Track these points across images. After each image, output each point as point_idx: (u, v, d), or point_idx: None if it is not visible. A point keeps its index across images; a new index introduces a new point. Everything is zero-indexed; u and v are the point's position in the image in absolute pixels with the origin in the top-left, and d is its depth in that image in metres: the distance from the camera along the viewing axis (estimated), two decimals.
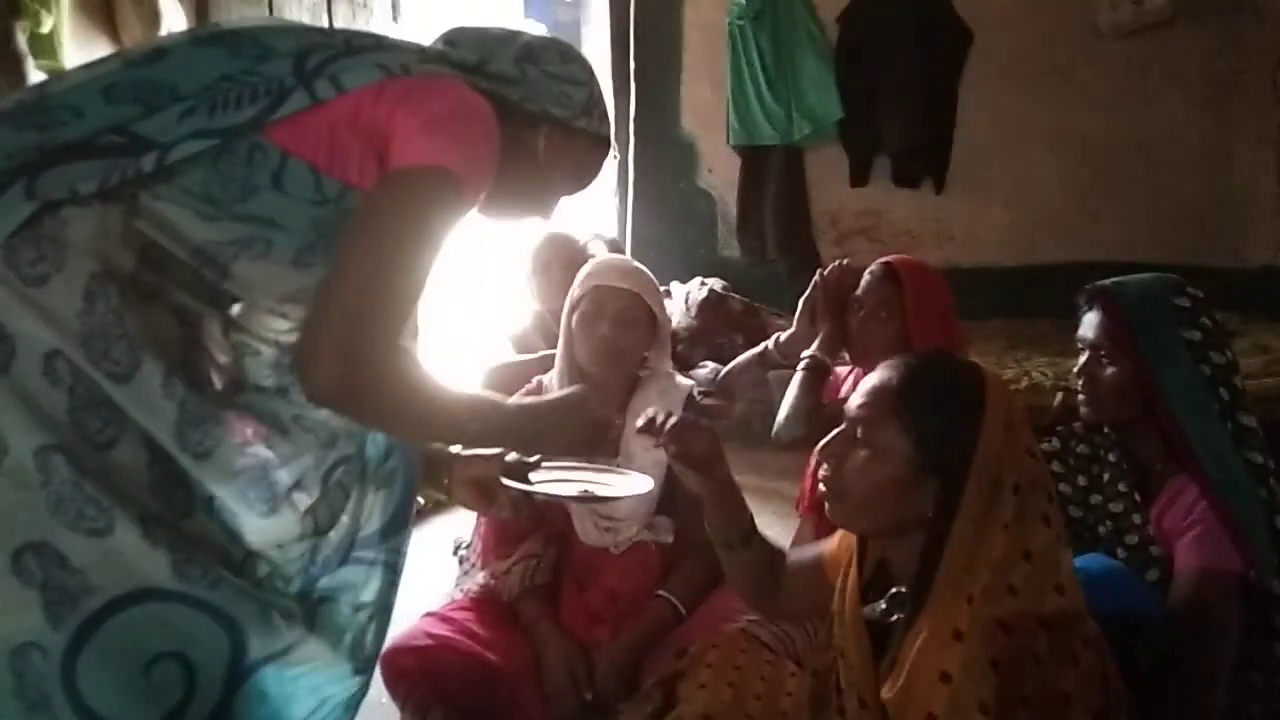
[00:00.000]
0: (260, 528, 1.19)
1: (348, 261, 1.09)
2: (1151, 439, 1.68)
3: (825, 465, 1.33)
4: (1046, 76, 4.51)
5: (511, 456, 1.49)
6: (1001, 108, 4.49)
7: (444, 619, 1.95)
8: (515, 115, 1.29)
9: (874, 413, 1.27)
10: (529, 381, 2.20)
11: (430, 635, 1.88)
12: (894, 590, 1.30)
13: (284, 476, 1.20)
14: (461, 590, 2.17)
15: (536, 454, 1.47)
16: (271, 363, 1.22)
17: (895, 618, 1.28)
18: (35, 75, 2.69)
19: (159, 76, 1.13)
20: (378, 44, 1.22)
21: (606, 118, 1.42)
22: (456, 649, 1.87)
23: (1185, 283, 1.69)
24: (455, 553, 2.75)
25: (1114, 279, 1.71)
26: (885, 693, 1.19)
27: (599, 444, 1.42)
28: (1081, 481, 1.76)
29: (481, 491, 1.51)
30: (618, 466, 1.73)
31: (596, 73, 1.40)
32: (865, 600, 1.34)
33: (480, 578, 2.14)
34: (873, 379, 1.31)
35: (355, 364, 1.07)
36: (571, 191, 1.46)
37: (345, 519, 1.30)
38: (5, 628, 1.02)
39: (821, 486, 1.35)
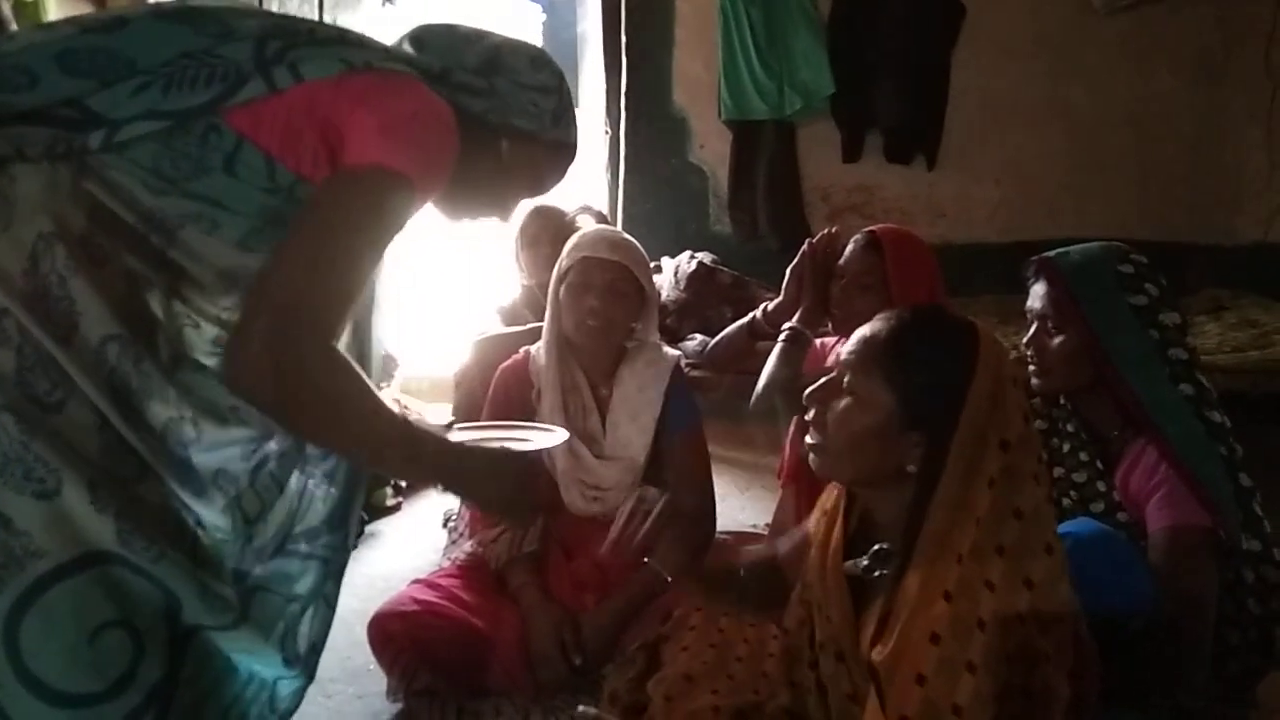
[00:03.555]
0: (194, 505, 1.17)
1: (288, 253, 1.07)
2: (1106, 406, 1.69)
3: (811, 411, 1.32)
4: (1039, 53, 4.49)
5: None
6: (994, 84, 4.47)
7: (431, 585, 1.97)
8: (478, 123, 1.28)
9: (860, 362, 1.27)
10: (517, 353, 2.21)
11: (417, 601, 1.90)
12: (878, 546, 1.30)
13: (208, 461, 1.18)
14: (449, 559, 2.19)
15: (459, 497, 1.42)
16: (212, 339, 1.19)
17: (878, 574, 1.28)
18: None
19: (116, 47, 1.10)
20: (341, 37, 1.20)
21: (573, 124, 1.41)
22: (443, 614, 1.88)
23: (1130, 250, 1.71)
24: (445, 524, 2.77)
25: (1059, 249, 1.73)
26: (876, 655, 1.19)
27: (521, 509, 1.36)
28: (1043, 457, 1.77)
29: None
30: (535, 424, 1.72)
31: (566, 78, 1.39)
32: (848, 556, 1.34)
33: (468, 546, 2.15)
34: (866, 329, 1.30)
35: (281, 355, 1.03)
36: (531, 195, 1.45)
37: (279, 511, 1.28)
38: None
39: (807, 437, 1.34)
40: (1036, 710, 1.14)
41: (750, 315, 2.39)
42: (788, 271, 2.25)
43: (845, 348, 1.32)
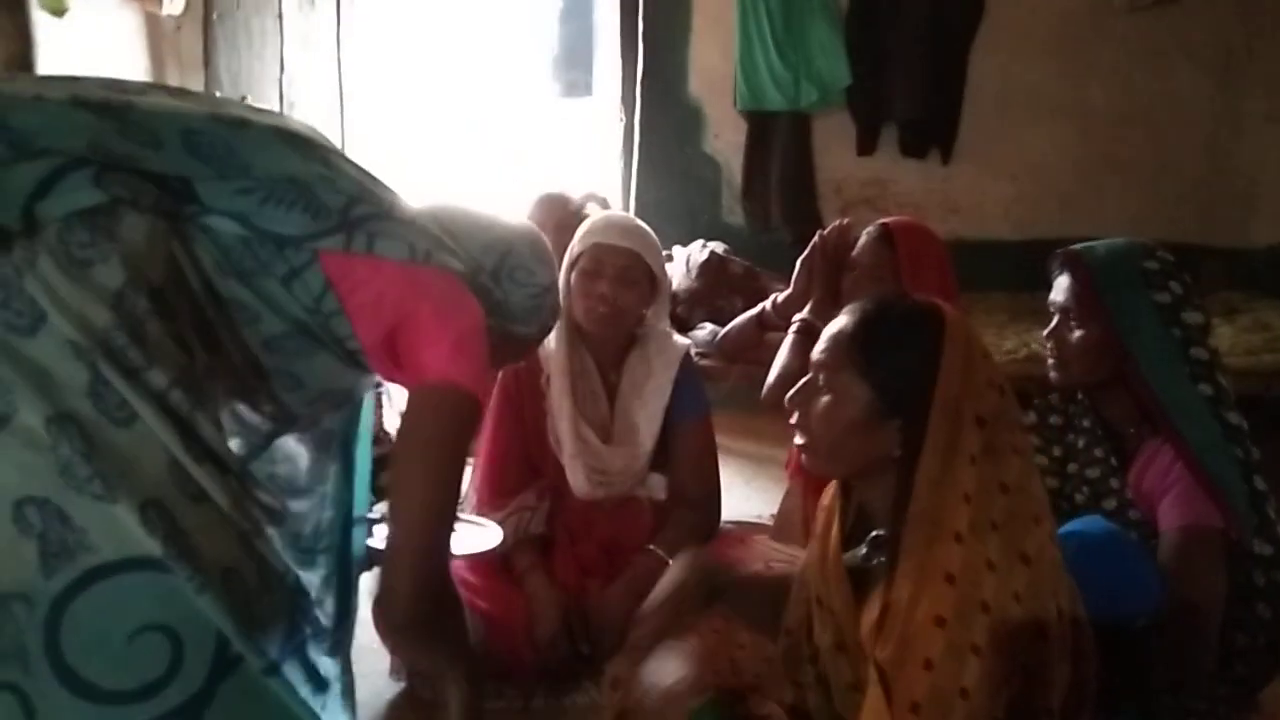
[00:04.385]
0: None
1: (417, 496, 1.25)
2: (1124, 403, 1.69)
3: (795, 415, 1.35)
4: (1057, 49, 4.46)
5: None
6: (1011, 80, 4.44)
7: None
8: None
9: (832, 358, 1.30)
10: None
11: None
12: (874, 534, 1.32)
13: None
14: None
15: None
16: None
17: (876, 561, 1.30)
18: (38, 14, 2.69)
19: (238, 147, 1.17)
20: (412, 220, 1.29)
21: (556, 311, 1.54)
22: None
23: (1156, 247, 1.70)
24: None
25: (1084, 244, 1.72)
26: (880, 652, 1.20)
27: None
28: (1057, 452, 1.78)
29: None
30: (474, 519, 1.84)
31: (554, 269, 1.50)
32: (846, 548, 1.36)
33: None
34: (833, 326, 1.33)
35: (428, 595, 1.25)
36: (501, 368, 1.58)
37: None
38: (7, 565, 1.02)
39: (795, 438, 1.36)
40: (1036, 688, 1.15)
41: (760, 306, 2.39)
42: (798, 263, 2.24)
43: (816, 347, 1.34)
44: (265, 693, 1.14)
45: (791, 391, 1.35)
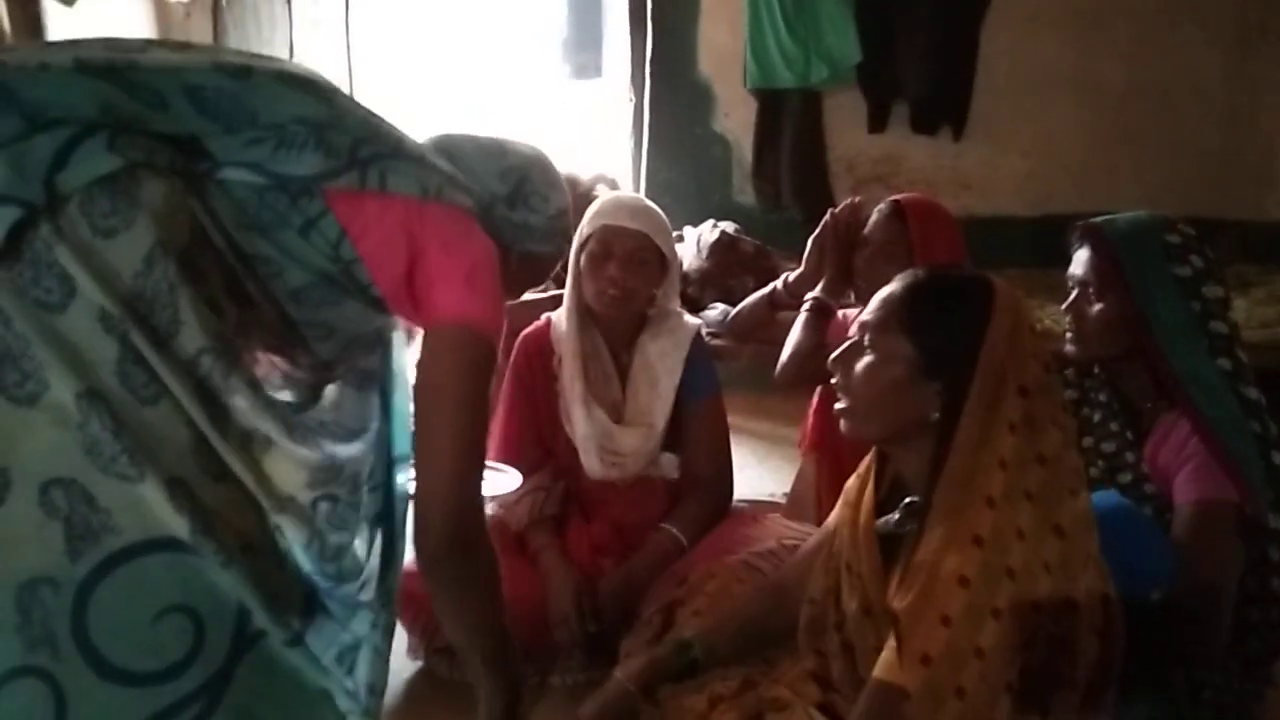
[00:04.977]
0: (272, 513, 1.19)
1: (440, 431, 1.25)
2: (1141, 377, 1.68)
3: (836, 376, 1.36)
4: (1070, 23, 4.42)
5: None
6: (1023, 55, 4.40)
7: None
8: (502, 247, 1.37)
9: (879, 319, 1.31)
10: (538, 319, 2.22)
11: None
12: (908, 500, 1.33)
13: (284, 472, 1.21)
14: None
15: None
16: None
17: (908, 528, 1.31)
18: (50, 4, 2.70)
19: (243, 96, 1.15)
20: (421, 157, 1.29)
21: (570, 233, 1.56)
22: None
23: (1177, 220, 1.69)
24: None
25: (1105, 217, 1.71)
26: (898, 602, 1.21)
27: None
28: (1065, 404, 1.77)
29: None
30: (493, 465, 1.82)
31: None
32: (880, 517, 1.37)
33: (489, 509, 2.17)
34: (883, 291, 1.35)
35: (464, 523, 1.26)
36: (525, 293, 1.58)
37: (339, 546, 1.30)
38: (23, 560, 1.01)
39: (836, 403, 1.37)
40: (1063, 660, 1.16)
41: (771, 286, 2.39)
42: (809, 242, 2.24)
43: (866, 310, 1.36)
44: (284, 666, 1.15)
45: (835, 354, 1.37)
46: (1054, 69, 4.45)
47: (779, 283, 2.35)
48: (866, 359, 1.31)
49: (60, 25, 2.78)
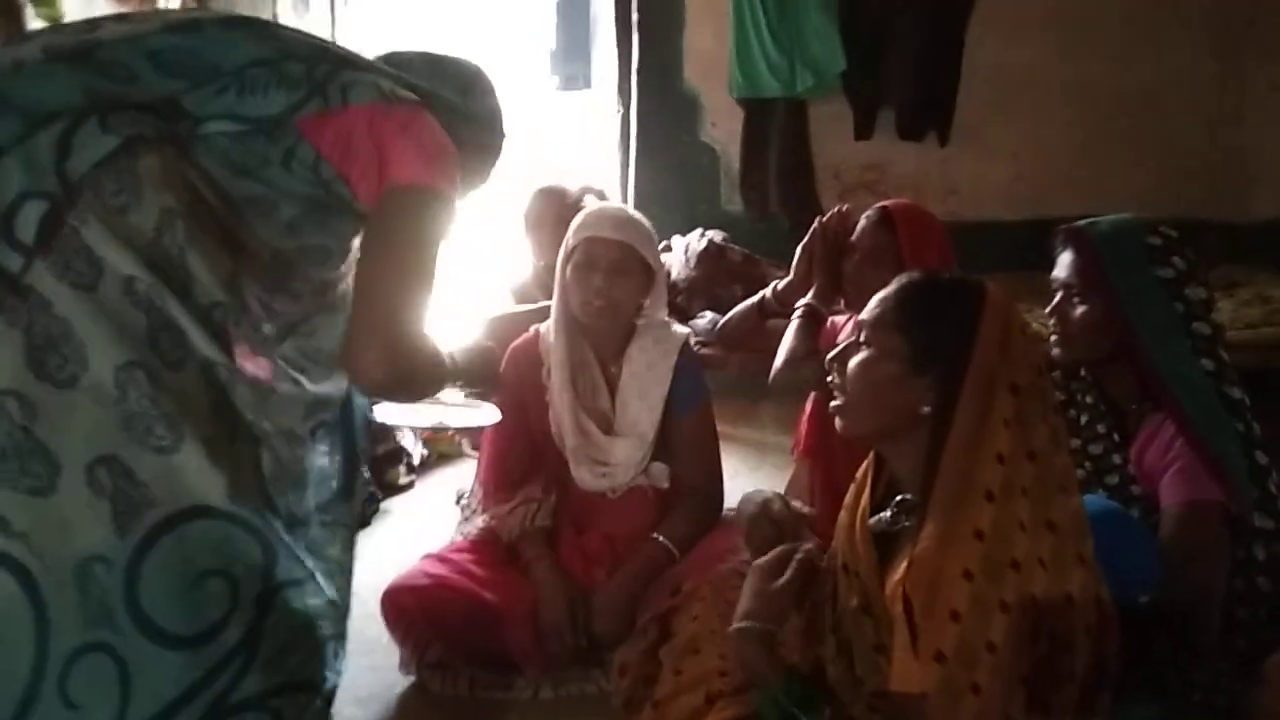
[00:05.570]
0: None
1: (382, 270, 1.28)
2: (1126, 378, 1.69)
3: (833, 374, 1.39)
4: (1054, 28, 4.44)
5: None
6: (1007, 59, 4.43)
7: (443, 559, 1.99)
8: (453, 138, 1.42)
9: (875, 316, 1.35)
10: (528, 331, 2.22)
11: (429, 575, 1.92)
12: (901, 497, 1.35)
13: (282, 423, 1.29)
14: (462, 535, 2.21)
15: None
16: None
17: (902, 525, 1.33)
18: (35, 24, 2.70)
19: (200, 50, 1.23)
20: (370, 67, 1.37)
21: (504, 135, 1.61)
22: (454, 588, 1.91)
23: (1159, 222, 1.71)
24: (457, 502, 2.79)
25: (1088, 220, 1.72)
26: (909, 590, 1.21)
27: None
28: (1055, 404, 1.77)
29: None
30: (473, 401, 1.83)
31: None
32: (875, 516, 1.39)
33: (480, 521, 2.17)
34: (882, 291, 1.38)
35: (400, 356, 1.26)
36: (471, 189, 1.61)
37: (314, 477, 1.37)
38: (77, 541, 1.06)
39: (831, 402, 1.40)
40: (1061, 656, 1.17)
41: (760, 294, 2.39)
42: (798, 250, 2.25)
43: (864, 309, 1.39)
44: (300, 612, 1.22)
45: (834, 352, 1.40)
46: (1039, 73, 4.48)
47: (768, 291, 2.35)
48: (861, 354, 1.35)
49: None
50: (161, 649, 1.09)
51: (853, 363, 1.35)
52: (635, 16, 4.46)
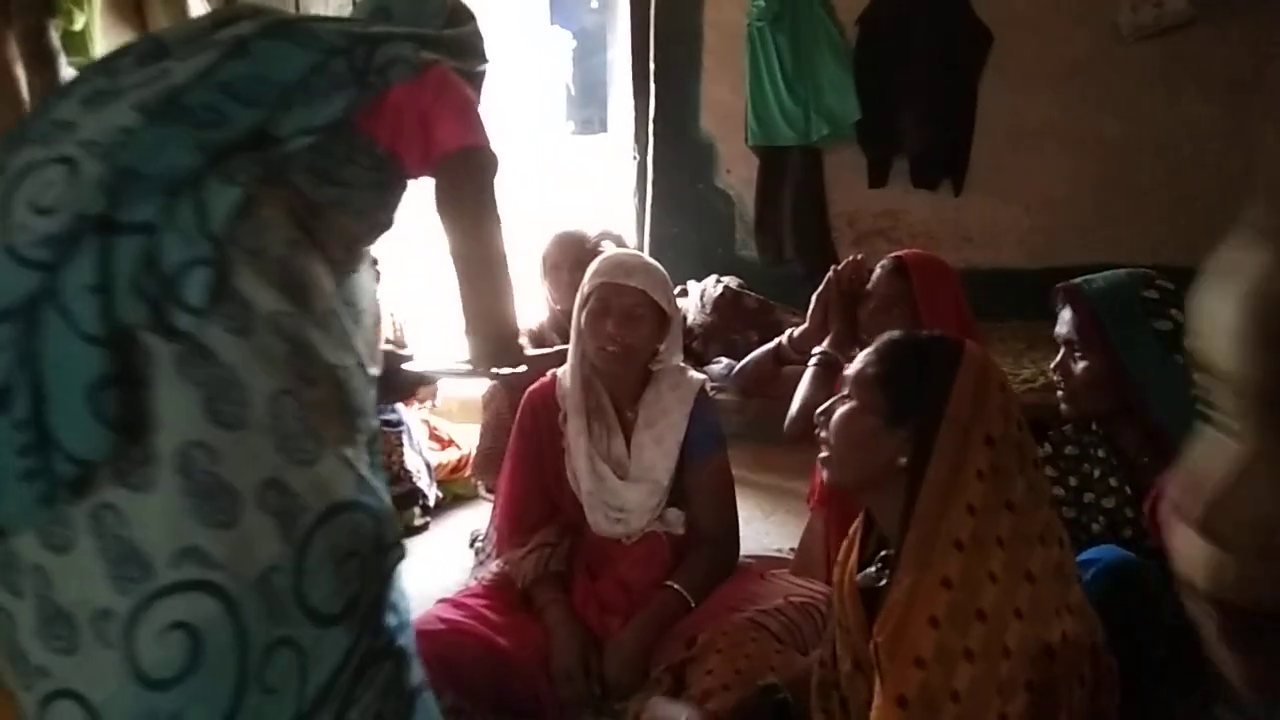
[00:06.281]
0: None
1: (472, 247, 1.47)
2: (1134, 432, 1.69)
3: (819, 429, 1.44)
4: (1067, 78, 4.49)
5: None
6: (1021, 109, 4.47)
7: (456, 604, 1.99)
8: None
9: (858, 372, 1.40)
10: (544, 375, 2.23)
11: (443, 620, 1.92)
12: (885, 553, 1.37)
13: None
14: (476, 579, 2.21)
15: None
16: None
17: (884, 580, 1.33)
18: (68, 72, 2.76)
19: (262, 73, 1.29)
20: (387, 34, 1.42)
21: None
22: (468, 633, 1.90)
23: (1156, 275, 1.72)
24: (471, 545, 2.79)
25: (1084, 276, 1.74)
26: (876, 634, 1.23)
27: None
28: (1073, 482, 1.78)
29: None
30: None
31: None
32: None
33: (494, 566, 2.17)
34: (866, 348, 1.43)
35: (507, 327, 1.53)
36: None
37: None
38: (259, 558, 1.18)
39: (819, 454, 1.43)
40: (1043, 708, 1.16)
41: (776, 341, 2.41)
42: (813, 298, 2.26)
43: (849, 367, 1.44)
44: (398, 569, 1.36)
45: (822, 407, 1.44)
46: (1052, 123, 4.52)
47: (784, 338, 2.37)
48: (845, 407, 1.39)
49: None
50: (323, 629, 1.23)
51: (835, 416, 1.39)
52: (653, 66, 4.53)
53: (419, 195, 1.50)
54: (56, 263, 1.14)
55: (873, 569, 1.39)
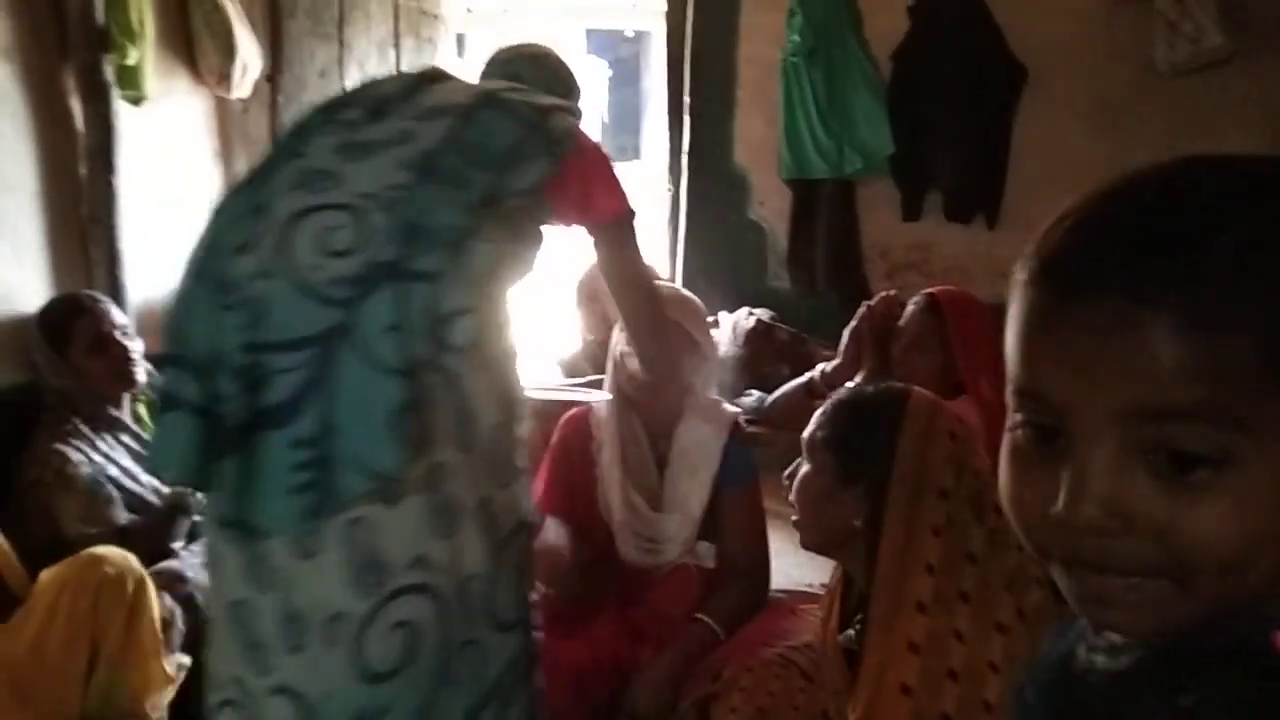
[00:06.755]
0: None
1: (638, 286, 1.71)
2: None
3: (785, 492, 1.46)
4: (1102, 113, 4.47)
5: None
6: (1056, 144, 4.46)
7: None
8: None
9: (809, 435, 1.42)
10: (575, 405, 2.26)
11: None
12: (860, 615, 1.35)
13: None
14: None
15: None
16: None
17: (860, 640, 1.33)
18: (120, 105, 2.85)
19: (486, 141, 1.40)
20: (552, 104, 1.53)
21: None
22: None
23: None
24: None
25: None
26: (851, 713, 1.22)
27: None
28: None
29: None
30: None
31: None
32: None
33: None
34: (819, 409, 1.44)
35: (671, 353, 1.88)
36: None
37: None
38: (465, 565, 1.34)
39: (791, 515, 1.45)
40: None
41: (808, 375, 2.42)
42: (845, 333, 2.27)
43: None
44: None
45: (787, 470, 1.47)
46: (1086, 159, 4.49)
47: (815, 373, 2.38)
48: (802, 471, 1.41)
49: (129, 123, 2.92)
50: (503, 634, 1.40)
51: (796, 478, 1.42)
52: (687, 100, 4.58)
53: None
54: (352, 300, 1.25)
55: (852, 630, 1.38)
